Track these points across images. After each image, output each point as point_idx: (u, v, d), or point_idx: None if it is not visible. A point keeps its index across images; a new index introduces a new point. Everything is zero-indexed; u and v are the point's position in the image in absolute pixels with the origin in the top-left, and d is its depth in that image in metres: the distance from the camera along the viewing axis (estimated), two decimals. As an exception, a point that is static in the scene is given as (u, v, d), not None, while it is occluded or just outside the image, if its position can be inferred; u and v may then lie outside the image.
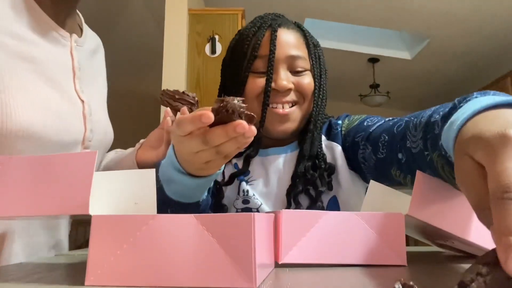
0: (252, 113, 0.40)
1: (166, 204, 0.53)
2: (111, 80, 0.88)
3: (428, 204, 0.42)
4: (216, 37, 2.40)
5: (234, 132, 0.38)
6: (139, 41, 3.71)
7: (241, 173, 0.72)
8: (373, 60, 4.24)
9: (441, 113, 0.44)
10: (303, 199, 0.70)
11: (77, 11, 0.71)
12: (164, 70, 2.35)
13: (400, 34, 4.01)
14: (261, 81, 0.69)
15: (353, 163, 0.71)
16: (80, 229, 2.77)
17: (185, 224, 0.31)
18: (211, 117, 0.37)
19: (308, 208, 0.69)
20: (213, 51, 2.39)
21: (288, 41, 0.70)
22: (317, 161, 0.70)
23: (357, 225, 0.41)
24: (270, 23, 0.71)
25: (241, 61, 0.70)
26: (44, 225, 0.63)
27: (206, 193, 0.57)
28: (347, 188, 0.71)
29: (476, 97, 0.39)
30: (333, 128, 0.75)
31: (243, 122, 0.38)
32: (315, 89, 0.71)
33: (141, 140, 0.76)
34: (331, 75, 0.77)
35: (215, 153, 0.43)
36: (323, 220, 0.40)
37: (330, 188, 0.70)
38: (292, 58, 0.69)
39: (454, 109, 0.40)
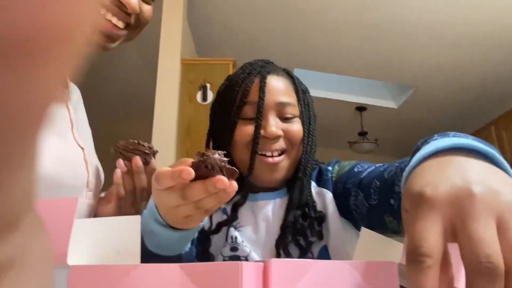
0: (234, 168, 0.39)
1: (146, 257, 0.50)
2: (105, 125, 0.90)
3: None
4: (208, 85, 2.46)
5: (213, 188, 0.38)
6: (133, 89, 3.78)
7: (230, 222, 0.70)
8: (361, 108, 4.36)
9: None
10: (293, 250, 0.67)
11: None
12: (155, 116, 2.37)
13: (386, 84, 4.16)
14: (250, 128, 0.68)
15: (344, 210, 0.69)
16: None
17: (169, 274, 0.30)
18: (191, 173, 0.37)
19: (299, 258, 0.66)
20: (204, 98, 2.44)
21: (277, 87, 0.70)
22: (306, 210, 0.68)
23: (349, 274, 0.39)
24: (259, 70, 0.71)
25: (230, 107, 0.70)
26: None
27: (189, 245, 0.55)
28: (338, 236, 0.68)
29: (435, 139, 0.39)
30: (323, 174, 0.74)
31: (223, 178, 0.38)
32: (304, 135, 0.71)
33: (102, 194, 0.74)
34: (320, 122, 0.78)
35: (195, 208, 0.42)
36: (314, 269, 0.39)
37: (320, 237, 0.67)
38: (281, 105, 0.69)
39: (414, 153, 0.39)
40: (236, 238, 0.68)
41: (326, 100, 4.15)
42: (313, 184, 0.73)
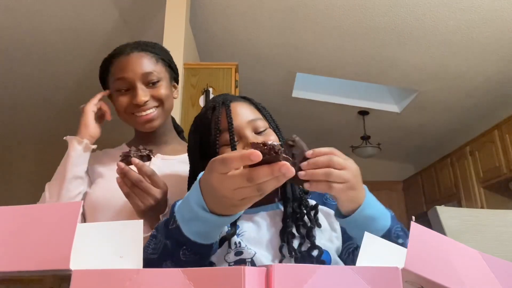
0: (288, 156, 0.45)
1: (181, 245, 0.55)
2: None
3: (424, 257, 0.40)
4: (210, 89, 2.46)
5: (278, 171, 0.43)
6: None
7: (232, 235, 0.71)
8: (363, 112, 4.35)
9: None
10: (295, 241, 0.71)
11: None
12: (158, 121, 2.38)
13: (389, 88, 4.16)
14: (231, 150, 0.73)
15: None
16: (64, 285, 2.63)
17: (171, 278, 0.29)
18: (259, 156, 0.42)
19: (301, 244, 0.70)
20: (207, 103, 2.44)
21: (243, 110, 0.77)
22: (302, 203, 0.75)
23: (352, 279, 0.39)
24: (222, 101, 0.78)
25: (207, 139, 0.76)
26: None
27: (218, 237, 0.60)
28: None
29: None
30: (328, 202, 0.80)
31: (287, 163, 0.43)
32: (280, 142, 0.76)
33: None
34: (322, 127, 0.82)
35: (256, 189, 0.46)
36: (317, 275, 0.39)
37: (318, 225, 0.73)
38: (252, 122, 0.76)
39: None
40: (239, 243, 0.69)
41: (328, 104, 4.15)
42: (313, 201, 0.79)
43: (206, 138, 0.76)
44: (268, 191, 0.47)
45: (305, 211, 0.74)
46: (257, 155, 0.41)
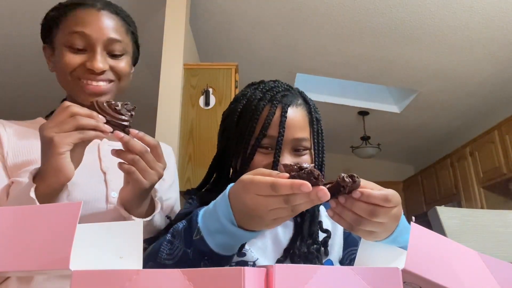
0: (323, 180, 0.46)
1: (202, 255, 0.54)
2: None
3: (423, 258, 0.40)
4: (210, 90, 2.46)
5: (315, 196, 0.44)
6: (136, 93, 3.79)
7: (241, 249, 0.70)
8: (363, 113, 4.35)
9: None
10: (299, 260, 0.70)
11: None
12: (158, 121, 2.38)
13: (388, 88, 4.16)
14: (268, 158, 0.70)
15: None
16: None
17: (171, 279, 0.29)
18: (309, 187, 0.43)
19: (306, 252, 0.69)
20: (206, 103, 2.44)
21: (296, 122, 0.72)
22: (314, 223, 0.73)
23: (353, 280, 0.39)
24: (280, 99, 0.72)
25: (250, 136, 0.71)
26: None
27: None
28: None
29: None
30: None
31: (325, 189, 0.44)
32: (315, 166, 0.74)
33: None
34: (322, 127, 0.80)
35: (291, 211, 0.48)
36: (318, 275, 0.39)
37: (326, 254, 0.71)
38: (297, 140, 0.71)
39: None
40: (243, 245, 0.68)
41: (328, 104, 4.15)
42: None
43: (247, 129, 0.71)
44: (300, 211, 0.48)
45: (317, 239, 0.71)
46: (308, 187, 0.43)
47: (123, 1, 0.96)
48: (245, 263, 0.68)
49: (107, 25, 0.77)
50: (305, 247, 0.69)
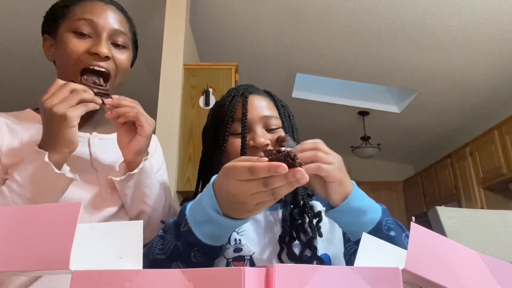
0: (301, 162, 0.46)
1: (192, 246, 0.56)
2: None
3: (423, 258, 0.40)
4: (210, 90, 2.46)
5: (293, 177, 0.45)
6: (135, 93, 3.79)
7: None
8: (363, 113, 4.35)
9: None
10: (296, 247, 0.70)
11: None
12: (158, 121, 2.37)
13: (388, 88, 4.16)
14: (240, 141, 0.74)
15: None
16: None
17: (171, 279, 0.29)
18: (285, 169, 0.44)
19: (301, 252, 0.70)
20: (206, 103, 2.44)
21: (260, 104, 0.79)
22: (304, 208, 0.74)
23: (353, 280, 0.39)
24: (242, 92, 0.80)
25: (221, 126, 0.77)
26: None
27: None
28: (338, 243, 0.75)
29: None
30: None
31: (302, 169, 0.45)
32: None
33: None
34: (322, 127, 0.82)
35: (271, 194, 0.48)
36: (317, 275, 0.39)
37: (320, 234, 0.72)
38: (265, 118, 0.77)
39: None
40: (239, 240, 0.69)
41: (328, 104, 4.15)
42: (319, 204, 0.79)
43: (220, 123, 0.78)
44: (282, 195, 0.49)
45: (307, 219, 0.73)
46: (284, 168, 0.43)
47: (124, 1, 0.96)
48: (241, 258, 0.69)
49: (113, 17, 0.82)
50: (297, 222, 0.73)
